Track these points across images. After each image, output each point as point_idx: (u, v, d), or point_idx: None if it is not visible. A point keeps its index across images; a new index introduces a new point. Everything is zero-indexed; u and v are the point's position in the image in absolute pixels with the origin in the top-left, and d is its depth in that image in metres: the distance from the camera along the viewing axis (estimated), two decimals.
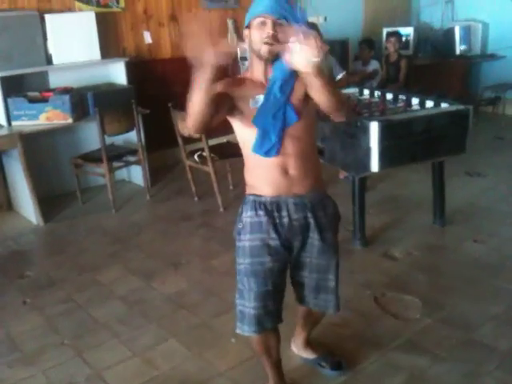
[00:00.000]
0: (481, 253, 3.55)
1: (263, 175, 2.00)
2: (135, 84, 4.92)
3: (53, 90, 4.48)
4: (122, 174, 5.22)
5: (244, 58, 5.91)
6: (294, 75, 1.88)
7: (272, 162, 1.96)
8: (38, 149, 4.58)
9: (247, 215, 2.04)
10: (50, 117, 4.36)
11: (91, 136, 4.78)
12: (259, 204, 2.02)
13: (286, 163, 1.98)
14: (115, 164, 4.61)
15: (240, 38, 6.01)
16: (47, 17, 4.57)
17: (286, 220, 2.02)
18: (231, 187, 4.85)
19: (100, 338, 2.82)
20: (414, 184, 4.70)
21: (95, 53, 4.78)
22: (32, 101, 4.35)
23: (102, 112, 4.29)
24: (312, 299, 2.22)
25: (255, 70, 1.96)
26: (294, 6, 1.89)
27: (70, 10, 4.87)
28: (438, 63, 6.86)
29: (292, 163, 1.98)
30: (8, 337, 2.87)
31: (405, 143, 3.36)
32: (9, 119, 4.33)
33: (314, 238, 2.07)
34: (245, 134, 1.97)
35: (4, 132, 4.24)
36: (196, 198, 4.71)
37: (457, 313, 2.89)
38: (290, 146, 1.97)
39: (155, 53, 5.55)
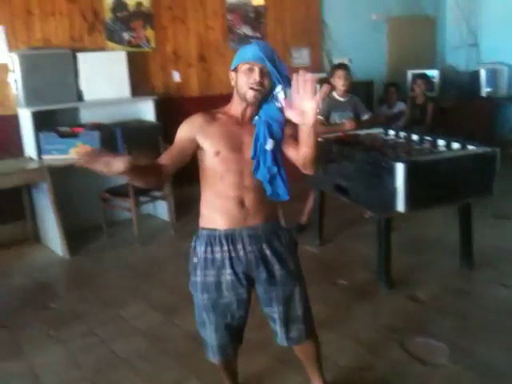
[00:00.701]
0: (509, 298, 3.46)
1: (220, 207, 2.05)
2: (163, 121, 5.01)
3: (83, 126, 4.60)
4: (147, 208, 5.28)
5: None
6: (282, 125, 2.03)
7: (229, 194, 2.03)
8: (66, 183, 4.66)
9: (201, 250, 2.09)
10: (80, 152, 4.44)
11: None
12: (214, 238, 2.06)
13: (243, 196, 2.05)
14: (141, 199, 4.67)
15: None
16: (80, 55, 4.73)
17: (241, 253, 2.06)
18: None
19: (121, 374, 2.80)
20: (440, 225, 4.64)
21: (125, 90, 4.91)
22: (63, 136, 4.46)
23: (130, 148, 4.38)
24: (284, 334, 2.21)
25: (234, 108, 2.07)
26: (279, 58, 2.04)
27: (102, 49, 5.03)
28: (463, 105, 6.85)
29: (249, 196, 2.05)
30: (31, 370, 2.86)
31: (431, 185, 3.34)
32: (39, 153, 4.44)
33: (272, 268, 2.09)
34: (212, 165, 2.04)
35: (34, 165, 4.35)
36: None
37: (485, 360, 2.80)
38: (248, 179, 2.05)
39: (183, 91, 5.68)
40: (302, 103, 1.80)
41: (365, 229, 4.63)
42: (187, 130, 2.05)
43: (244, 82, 1.99)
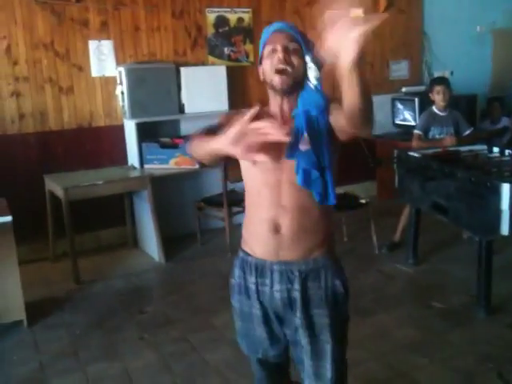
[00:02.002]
0: None
1: (253, 231, 1.76)
2: None
3: (183, 137, 4.78)
4: (240, 218, 5.36)
5: None
6: (324, 108, 1.62)
7: (263, 215, 1.69)
8: (165, 191, 4.86)
9: (235, 274, 1.84)
10: (179, 162, 4.63)
11: (214, 181, 5.00)
12: (246, 264, 1.78)
13: (278, 218, 1.68)
14: (235, 209, 4.77)
15: None
16: (182, 69, 4.93)
17: (267, 289, 1.74)
18: (345, 239, 4.79)
19: (210, 382, 2.86)
20: None
21: (224, 103, 5.05)
22: (164, 146, 4.67)
23: (227, 162, 4.48)
24: None
25: (272, 104, 1.74)
26: (306, 37, 1.67)
27: (204, 63, 5.21)
28: None
29: (286, 219, 1.67)
30: (124, 371, 2.99)
31: None
32: (142, 162, 4.66)
33: (298, 316, 1.72)
34: (249, 178, 1.75)
35: (136, 174, 4.58)
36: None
37: None
38: (287, 195, 1.68)
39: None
40: (340, 39, 1.28)
41: (462, 250, 4.43)
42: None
43: (268, 66, 1.65)
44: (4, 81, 4.48)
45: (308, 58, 1.65)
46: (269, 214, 1.68)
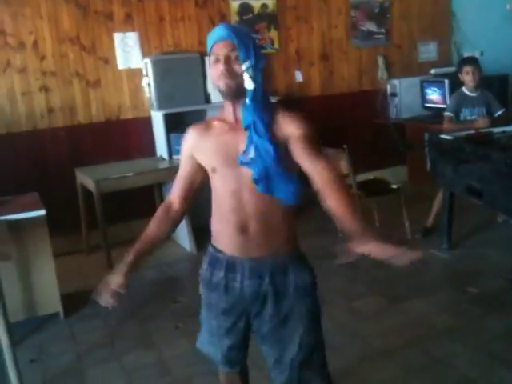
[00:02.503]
0: None
1: (222, 231, 1.81)
2: None
3: None
4: None
5: (394, 94, 5.83)
6: (265, 116, 1.70)
7: (230, 219, 1.76)
8: None
9: (205, 267, 1.91)
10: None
11: None
12: (217, 260, 1.85)
13: (245, 221, 1.75)
14: None
15: (390, 74, 5.95)
16: (207, 59, 4.89)
17: (237, 284, 1.80)
18: (377, 224, 4.73)
19: None
20: None
21: None
22: None
23: None
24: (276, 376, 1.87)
25: (225, 110, 1.79)
26: (251, 38, 1.73)
27: None
28: None
29: (252, 222, 1.75)
30: (160, 360, 3.02)
31: None
32: (170, 153, 4.68)
33: (269, 307, 1.79)
34: (212, 184, 1.82)
35: (165, 165, 4.60)
36: (340, 235, 4.65)
37: None
38: (249, 199, 1.74)
39: (305, 91, 5.68)
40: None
41: (498, 233, 4.33)
42: (184, 150, 1.86)
43: (214, 76, 1.71)
44: (32, 76, 4.54)
45: (244, 67, 1.67)
46: (234, 216, 1.76)
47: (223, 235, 1.81)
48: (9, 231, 3.28)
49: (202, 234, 4.72)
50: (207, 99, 4.94)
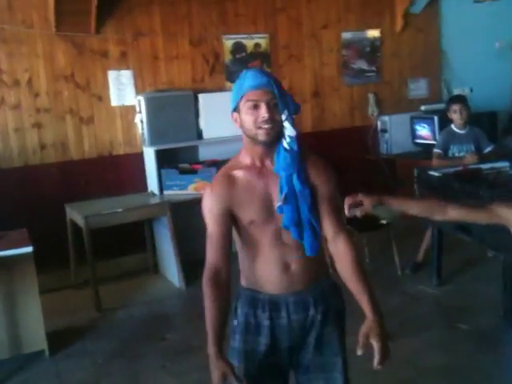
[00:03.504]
0: None
1: (262, 273, 1.78)
2: None
3: (202, 163, 4.81)
4: None
5: (384, 130, 5.90)
6: (300, 160, 1.73)
7: (271, 260, 1.76)
8: (184, 216, 4.86)
9: (243, 312, 1.82)
10: (198, 187, 4.65)
11: None
12: (257, 301, 1.80)
13: (286, 259, 1.76)
14: None
15: (381, 110, 6.03)
16: (200, 96, 4.98)
17: (284, 321, 1.79)
18: (367, 260, 4.72)
19: None
20: None
21: None
22: (183, 172, 4.70)
23: None
24: None
25: (249, 156, 1.75)
26: (284, 90, 1.73)
27: (221, 89, 5.26)
28: None
29: (293, 258, 1.77)
30: None
31: None
32: (161, 188, 4.70)
33: (314, 336, 1.81)
34: (247, 233, 1.77)
35: (156, 200, 4.62)
36: (331, 270, 4.63)
37: None
38: (289, 238, 1.75)
39: (297, 127, 5.71)
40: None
41: (488, 269, 4.32)
42: (215, 208, 1.73)
43: (250, 122, 1.67)
44: (26, 113, 4.59)
45: (284, 116, 1.69)
46: (277, 259, 1.76)
47: (264, 277, 1.79)
48: None
49: (191, 268, 4.70)
50: (199, 135, 4.99)
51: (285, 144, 1.71)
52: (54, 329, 3.68)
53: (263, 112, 1.65)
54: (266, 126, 1.66)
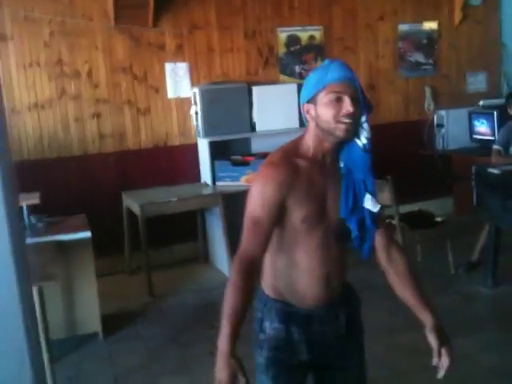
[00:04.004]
0: None
1: (301, 284, 1.67)
2: None
3: (254, 155, 4.84)
4: None
5: (441, 125, 5.76)
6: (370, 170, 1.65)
7: (315, 271, 1.65)
8: (236, 207, 4.90)
9: (273, 326, 1.69)
10: (250, 179, 4.68)
11: None
12: (289, 315, 1.68)
13: (331, 272, 1.67)
14: None
15: (437, 104, 5.89)
16: (254, 88, 5.00)
17: (318, 336, 1.70)
18: (419, 259, 4.63)
19: None
20: None
21: (294, 121, 5.06)
22: (235, 164, 4.74)
23: None
24: None
25: (313, 149, 1.64)
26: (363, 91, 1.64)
27: (275, 82, 5.27)
28: None
29: (335, 270, 1.68)
30: None
31: None
32: (214, 180, 4.76)
33: (344, 344, 1.76)
34: (294, 233, 1.64)
35: (209, 191, 4.68)
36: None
37: None
38: (334, 247, 1.67)
39: None
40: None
41: None
42: (276, 194, 1.56)
43: (330, 115, 1.55)
44: (86, 103, 4.74)
45: (363, 119, 1.61)
46: (322, 269, 1.66)
47: (300, 289, 1.67)
48: (56, 251, 3.41)
49: None
50: (252, 128, 5.02)
51: (360, 144, 1.62)
52: (108, 312, 3.80)
53: (347, 105, 1.54)
54: (347, 121, 1.55)
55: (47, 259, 3.16)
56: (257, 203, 1.59)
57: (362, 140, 1.62)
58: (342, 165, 1.65)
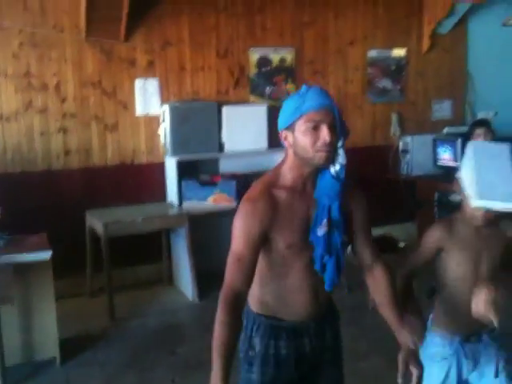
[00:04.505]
0: None
1: (289, 300, 1.71)
2: None
3: (222, 175, 4.83)
4: None
5: (406, 151, 5.86)
6: (338, 196, 1.66)
7: (303, 287, 1.70)
8: (202, 228, 4.89)
9: (262, 343, 1.72)
10: (217, 199, 4.68)
11: None
12: (278, 330, 1.72)
13: (317, 286, 1.71)
14: None
15: (403, 130, 6.00)
16: (224, 108, 5.00)
17: (307, 349, 1.75)
18: None
19: None
20: None
21: (263, 142, 5.09)
22: (203, 184, 4.72)
23: None
24: None
25: (292, 176, 1.66)
26: (342, 117, 1.64)
27: (245, 102, 5.28)
28: None
29: (322, 285, 1.71)
30: None
31: None
32: (181, 199, 4.72)
33: (328, 357, 1.83)
34: (280, 258, 1.68)
35: (175, 211, 4.65)
36: (346, 291, 4.61)
37: None
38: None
39: None
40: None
41: None
42: (257, 229, 1.60)
43: (308, 144, 1.57)
44: (52, 117, 4.65)
45: (339, 143, 1.63)
46: (309, 285, 1.71)
47: (293, 305, 1.72)
48: (14, 271, 3.31)
49: (206, 281, 4.72)
50: (221, 148, 5.01)
51: (332, 171, 1.64)
52: (67, 336, 3.72)
53: (325, 135, 1.56)
54: (325, 149, 1.57)
55: (4, 280, 3.07)
56: (239, 240, 1.62)
57: (336, 166, 1.64)
58: (317, 192, 1.68)
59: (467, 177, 1.89)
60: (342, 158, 1.66)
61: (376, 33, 5.85)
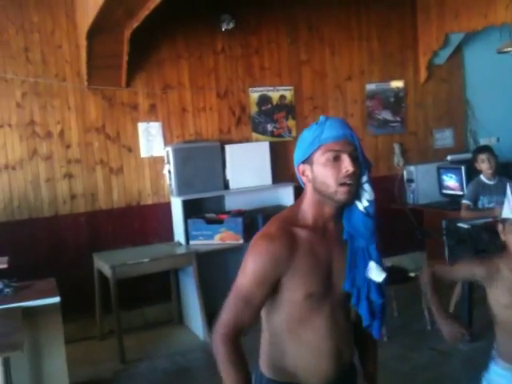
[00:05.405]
0: None
1: (308, 363, 1.52)
2: None
3: (228, 213, 4.84)
4: None
5: (410, 180, 5.87)
6: (373, 235, 1.54)
7: (323, 348, 1.50)
8: (210, 266, 4.87)
9: None
10: (224, 237, 4.67)
11: None
12: None
13: (340, 346, 1.53)
14: None
15: (406, 160, 6.03)
16: (227, 147, 5.06)
17: None
18: (396, 314, 4.61)
19: None
20: None
21: (267, 178, 5.12)
22: (209, 222, 4.73)
23: None
24: None
25: (312, 215, 1.51)
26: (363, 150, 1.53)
27: (248, 140, 5.34)
28: None
29: (345, 344, 1.56)
30: None
31: None
32: (187, 238, 4.72)
33: None
34: (297, 310, 1.50)
35: (182, 251, 4.64)
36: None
37: None
38: (342, 319, 1.56)
39: None
40: None
41: None
42: (271, 272, 1.44)
43: (330, 176, 1.43)
44: (57, 163, 4.71)
45: (364, 178, 1.50)
46: (330, 345, 1.52)
47: (312, 368, 1.52)
48: (23, 317, 3.28)
49: (214, 319, 4.66)
50: (226, 185, 5.04)
51: (361, 207, 1.49)
52: (77, 380, 3.66)
53: (347, 165, 1.42)
54: (349, 182, 1.43)
55: (14, 326, 3.04)
56: (249, 279, 1.47)
57: (364, 203, 1.50)
58: (345, 231, 1.52)
59: None
60: (369, 194, 1.50)
61: (372, 67, 5.95)
